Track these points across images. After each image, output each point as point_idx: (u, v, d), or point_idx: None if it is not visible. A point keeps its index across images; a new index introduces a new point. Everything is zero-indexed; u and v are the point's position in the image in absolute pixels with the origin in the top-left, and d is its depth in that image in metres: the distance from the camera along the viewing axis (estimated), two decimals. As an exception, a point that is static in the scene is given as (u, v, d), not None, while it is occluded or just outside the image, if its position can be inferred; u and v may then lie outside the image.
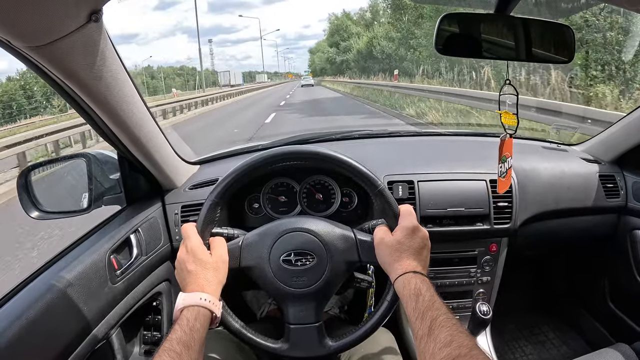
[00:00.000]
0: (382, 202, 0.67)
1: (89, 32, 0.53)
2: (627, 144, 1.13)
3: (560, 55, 0.74)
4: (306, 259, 0.67)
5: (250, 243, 0.68)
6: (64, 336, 0.64)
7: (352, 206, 0.98)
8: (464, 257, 1.05)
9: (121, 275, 0.76)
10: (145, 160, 0.84)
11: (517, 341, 1.42)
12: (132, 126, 0.73)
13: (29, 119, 20.22)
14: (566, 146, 1.31)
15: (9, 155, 5.71)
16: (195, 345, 0.53)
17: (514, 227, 1.01)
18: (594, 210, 1.14)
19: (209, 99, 17.31)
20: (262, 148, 1.20)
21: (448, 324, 0.50)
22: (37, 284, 0.65)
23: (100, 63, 0.59)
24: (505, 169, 0.79)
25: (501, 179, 0.81)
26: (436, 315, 0.51)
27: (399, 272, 0.59)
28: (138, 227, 0.84)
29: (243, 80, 49.76)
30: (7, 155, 5.66)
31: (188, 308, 0.57)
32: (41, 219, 0.81)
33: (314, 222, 0.69)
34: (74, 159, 0.88)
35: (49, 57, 0.53)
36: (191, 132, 8.63)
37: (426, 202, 0.98)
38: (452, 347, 0.47)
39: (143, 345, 0.90)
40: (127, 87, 0.68)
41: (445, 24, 0.69)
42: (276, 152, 0.69)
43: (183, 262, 0.63)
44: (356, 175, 0.68)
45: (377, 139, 1.37)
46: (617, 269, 1.22)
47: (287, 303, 0.68)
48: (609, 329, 1.31)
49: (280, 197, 0.97)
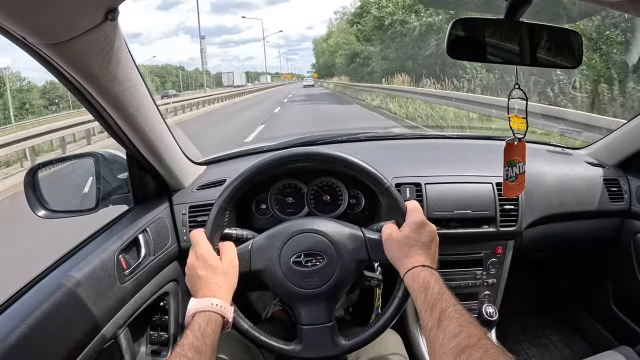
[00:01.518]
0: (389, 200, 0.68)
1: (105, 30, 0.53)
2: (631, 148, 1.14)
3: (567, 61, 0.75)
4: (316, 259, 0.67)
5: (260, 246, 0.68)
6: (72, 335, 0.63)
7: (360, 207, 0.98)
8: (470, 260, 1.05)
9: (129, 275, 0.76)
10: (154, 160, 0.84)
11: (520, 344, 1.42)
12: (142, 125, 0.73)
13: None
14: (571, 150, 1.31)
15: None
16: (206, 350, 0.53)
17: (519, 229, 1.02)
18: (598, 214, 1.15)
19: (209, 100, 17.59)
20: (268, 150, 1.20)
21: (457, 315, 0.50)
22: (46, 283, 0.65)
23: (114, 62, 0.59)
24: (516, 173, 0.79)
25: (509, 182, 0.80)
26: (445, 307, 0.52)
27: (408, 266, 0.60)
28: (146, 227, 0.84)
29: (246, 81, 49.19)
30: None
31: (200, 313, 0.57)
32: (48, 217, 0.81)
33: (323, 222, 0.70)
34: (82, 158, 0.87)
35: (65, 55, 0.53)
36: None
37: (433, 205, 0.98)
38: (461, 337, 0.47)
39: (150, 345, 0.90)
40: (140, 86, 0.68)
41: (456, 29, 0.70)
42: (283, 155, 0.70)
43: (193, 268, 0.63)
44: (363, 174, 0.69)
45: (383, 142, 1.38)
46: (621, 272, 1.23)
47: (298, 304, 0.68)
48: (612, 332, 1.31)
49: (288, 198, 0.97)
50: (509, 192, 0.81)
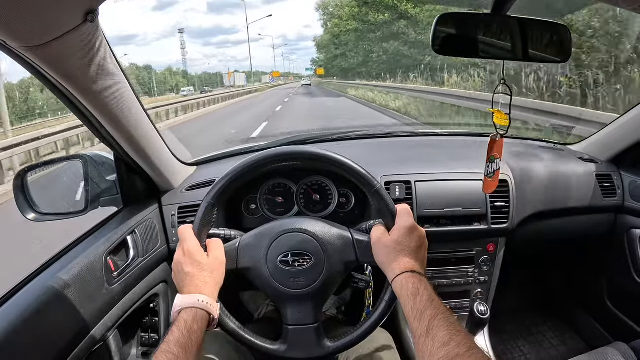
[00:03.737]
0: (379, 202, 0.67)
1: (85, 32, 0.53)
2: (623, 143, 1.14)
3: (556, 55, 0.74)
4: (303, 259, 0.66)
5: (248, 244, 0.68)
6: (61, 338, 0.63)
7: (350, 207, 0.98)
8: (461, 257, 1.05)
9: (118, 277, 0.76)
10: (142, 161, 0.84)
11: (515, 341, 1.42)
12: (128, 127, 0.73)
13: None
14: (563, 146, 1.31)
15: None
16: (192, 347, 0.53)
17: (511, 226, 1.01)
18: (591, 210, 1.15)
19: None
20: (258, 149, 1.20)
21: (446, 323, 0.50)
22: (34, 286, 0.65)
23: (96, 63, 0.58)
24: (493, 169, 0.78)
25: (488, 178, 0.80)
26: (434, 315, 0.51)
27: (397, 271, 0.59)
28: (135, 228, 0.84)
29: (246, 81, 48.48)
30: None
31: (186, 310, 0.57)
32: (37, 220, 0.81)
33: (311, 222, 0.69)
34: (70, 161, 0.87)
35: (45, 57, 0.53)
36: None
37: (423, 202, 0.98)
38: (450, 346, 0.47)
39: (140, 347, 0.90)
40: (124, 87, 0.68)
41: (442, 24, 0.70)
42: (273, 153, 0.69)
43: (180, 264, 0.63)
44: (353, 175, 0.68)
45: (373, 140, 1.38)
46: (615, 268, 1.23)
47: (285, 304, 0.68)
48: (607, 328, 1.31)
49: (278, 198, 0.97)
50: (488, 188, 0.80)
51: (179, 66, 70.47)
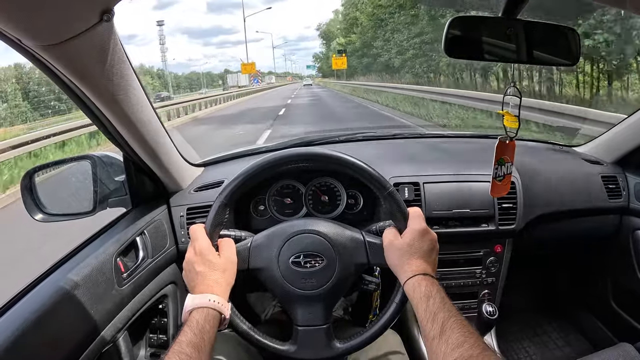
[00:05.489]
0: (391, 204, 0.67)
1: (100, 31, 0.52)
2: (629, 145, 1.14)
3: (565, 58, 0.74)
4: (315, 260, 0.66)
5: (259, 245, 0.68)
6: (71, 339, 0.63)
7: (358, 208, 0.98)
8: (469, 258, 1.05)
9: (128, 278, 0.76)
10: (151, 161, 0.84)
11: (520, 342, 1.42)
12: (139, 127, 0.73)
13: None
14: (569, 147, 1.32)
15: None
16: (205, 347, 0.53)
17: (518, 228, 1.02)
18: (597, 211, 1.15)
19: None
20: (266, 150, 1.20)
21: (459, 325, 0.50)
22: (44, 287, 0.65)
23: (110, 63, 0.58)
24: (504, 173, 0.78)
25: (497, 182, 0.79)
26: (447, 317, 0.52)
27: (409, 274, 0.59)
28: (144, 229, 0.84)
29: (248, 81, 48.15)
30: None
31: (197, 310, 0.57)
32: (44, 221, 0.80)
33: (323, 224, 0.69)
34: (78, 161, 0.87)
35: (60, 56, 0.53)
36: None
37: (432, 204, 0.98)
38: (464, 347, 0.47)
39: (149, 348, 0.90)
40: (135, 87, 0.68)
41: (453, 27, 0.70)
42: (286, 154, 0.69)
43: (191, 264, 0.62)
44: (365, 177, 0.68)
45: (381, 141, 1.38)
46: (620, 270, 1.23)
47: (295, 305, 0.68)
48: (612, 329, 1.31)
49: (286, 199, 0.97)
50: (496, 191, 0.79)
51: (159, 66, 59.35)
